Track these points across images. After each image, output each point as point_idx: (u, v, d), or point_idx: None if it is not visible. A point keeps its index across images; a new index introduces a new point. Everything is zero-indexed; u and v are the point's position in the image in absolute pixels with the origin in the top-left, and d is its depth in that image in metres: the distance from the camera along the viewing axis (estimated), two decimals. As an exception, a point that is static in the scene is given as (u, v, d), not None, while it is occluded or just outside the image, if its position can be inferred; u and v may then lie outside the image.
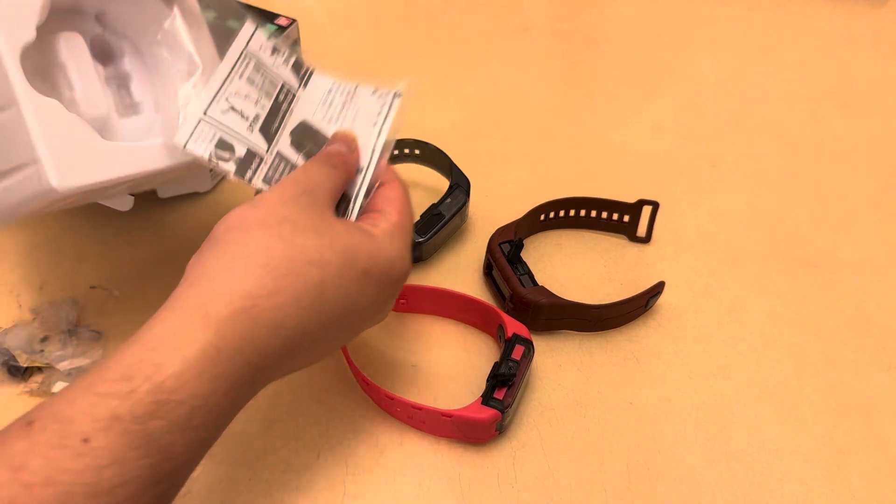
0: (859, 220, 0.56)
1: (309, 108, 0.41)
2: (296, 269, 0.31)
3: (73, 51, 0.38)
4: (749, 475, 0.41)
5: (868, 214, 0.56)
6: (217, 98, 0.37)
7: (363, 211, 0.38)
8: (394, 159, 0.54)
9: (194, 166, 0.38)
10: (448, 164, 0.52)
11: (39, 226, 0.51)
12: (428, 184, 0.56)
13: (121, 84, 0.42)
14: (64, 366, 0.42)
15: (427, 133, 0.53)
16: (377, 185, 0.39)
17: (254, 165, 0.37)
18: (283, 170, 0.38)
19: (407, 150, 0.54)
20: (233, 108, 0.38)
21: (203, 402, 0.27)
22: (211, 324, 0.28)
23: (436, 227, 0.48)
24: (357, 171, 0.39)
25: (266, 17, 0.56)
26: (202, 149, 0.36)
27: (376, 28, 0.73)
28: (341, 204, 0.38)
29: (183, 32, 0.40)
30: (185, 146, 0.36)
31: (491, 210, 0.54)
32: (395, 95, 0.42)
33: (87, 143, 0.35)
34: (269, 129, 0.38)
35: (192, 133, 0.36)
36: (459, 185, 0.50)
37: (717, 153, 0.61)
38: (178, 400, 0.27)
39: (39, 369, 0.43)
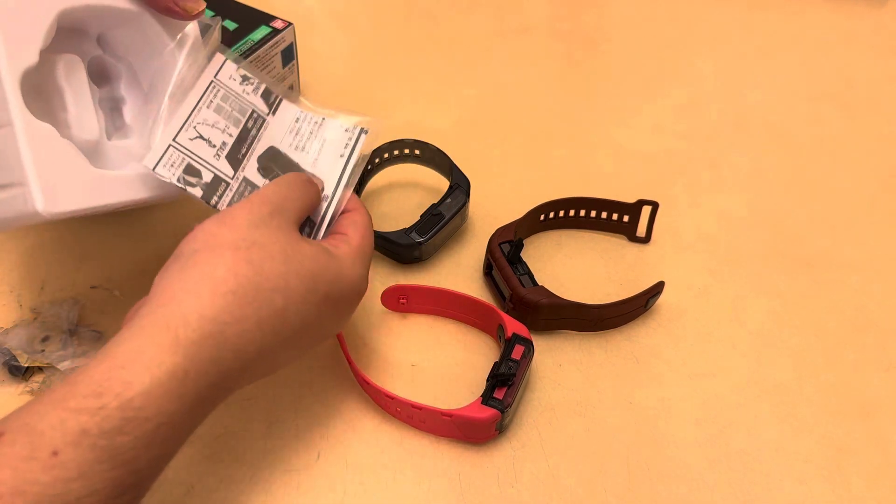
0: (859, 220, 0.56)
1: (277, 134, 0.43)
2: (261, 296, 0.32)
3: (71, 74, 0.39)
4: (749, 475, 0.41)
5: (868, 214, 0.56)
6: (186, 126, 0.39)
7: (327, 234, 0.40)
8: (394, 159, 0.54)
9: (179, 195, 0.39)
10: (448, 164, 0.52)
11: (40, 226, 0.51)
12: (428, 184, 0.56)
13: (114, 106, 0.43)
14: (65, 366, 0.42)
15: (427, 133, 0.54)
16: (341, 212, 0.41)
17: (220, 191, 0.39)
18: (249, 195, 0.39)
19: (407, 151, 0.54)
20: (200, 136, 0.39)
21: (168, 419, 0.28)
22: (180, 347, 0.29)
23: (436, 227, 0.48)
24: (322, 199, 0.41)
25: (262, 19, 0.56)
26: (170, 173, 0.37)
27: (376, 28, 0.73)
28: (305, 227, 0.39)
29: (179, 62, 0.41)
30: (153, 169, 0.37)
31: (491, 210, 0.54)
32: (361, 131, 0.44)
33: (77, 169, 0.36)
34: (235, 156, 0.40)
35: (161, 158, 0.37)
36: (459, 185, 0.50)
37: (717, 153, 0.61)
38: (144, 417, 0.28)
39: (40, 369, 0.43)
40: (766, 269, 0.52)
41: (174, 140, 0.38)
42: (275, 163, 0.41)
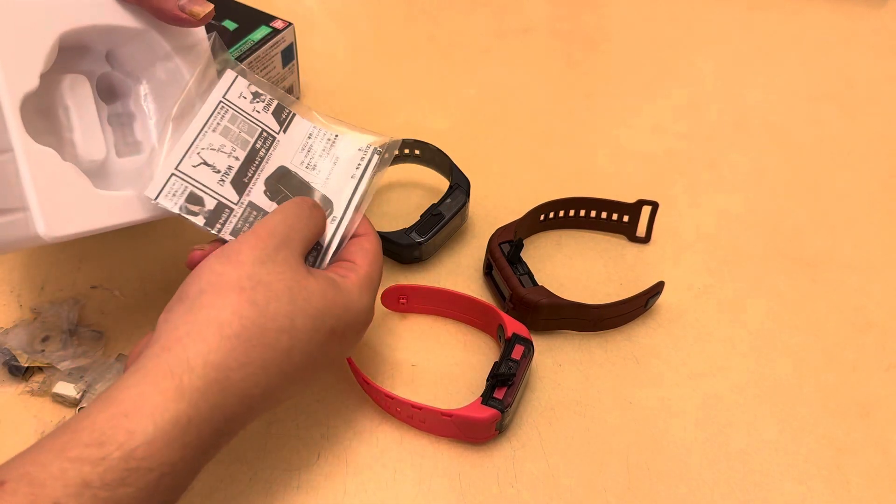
0: (859, 220, 0.56)
1: (288, 152, 0.41)
2: (266, 338, 0.31)
3: (77, 94, 0.39)
4: (749, 475, 0.41)
5: (868, 214, 0.56)
6: (189, 153, 0.38)
7: (334, 259, 0.39)
8: (394, 159, 0.54)
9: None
10: (448, 164, 0.52)
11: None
12: (428, 184, 0.56)
13: (125, 122, 0.42)
14: (65, 366, 0.42)
15: (427, 133, 0.54)
16: (350, 236, 0.40)
17: (223, 218, 0.37)
18: (254, 220, 0.38)
19: (407, 151, 0.54)
20: (204, 163, 0.38)
21: (171, 469, 0.28)
22: (184, 394, 0.29)
23: (436, 227, 0.48)
24: (331, 220, 0.40)
25: (262, 19, 0.56)
26: (172, 203, 0.36)
27: (376, 28, 0.73)
28: (312, 251, 0.38)
29: (187, 80, 0.40)
30: (155, 199, 0.36)
31: (491, 210, 0.54)
32: (374, 151, 0.43)
33: (79, 192, 0.35)
34: (241, 179, 0.39)
35: (164, 187, 0.36)
36: (459, 185, 0.50)
37: (716, 153, 0.61)
38: (147, 467, 0.27)
39: (40, 369, 0.43)
40: (766, 269, 0.52)
41: (176, 168, 0.37)
42: (284, 184, 0.40)
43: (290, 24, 0.57)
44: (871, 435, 0.43)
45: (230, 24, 0.55)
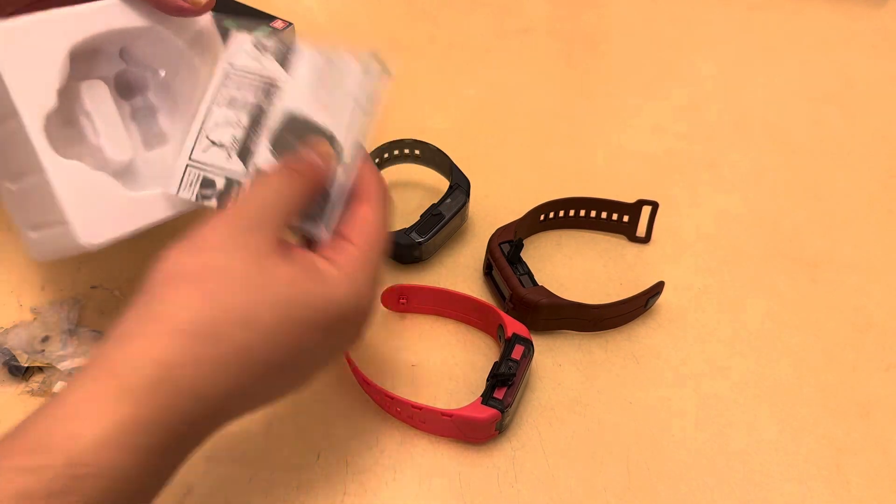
0: (859, 220, 0.56)
1: (294, 94, 0.38)
2: (219, 332, 0.29)
3: (96, 99, 0.39)
4: (749, 475, 0.41)
5: (867, 214, 0.56)
6: (199, 139, 0.38)
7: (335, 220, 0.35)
8: (394, 159, 0.54)
9: None
10: (448, 165, 0.52)
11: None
12: (428, 184, 0.56)
13: (147, 115, 0.43)
14: (65, 366, 0.42)
15: (427, 133, 0.54)
16: (348, 196, 0.35)
17: (233, 193, 0.37)
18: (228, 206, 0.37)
19: (407, 151, 0.54)
20: (213, 143, 0.38)
21: (123, 474, 0.26)
22: (126, 394, 0.26)
23: (436, 227, 0.48)
24: (338, 166, 0.36)
25: (263, 18, 0.57)
26: (189, 192, 0.37)
27: (376, 28, 0.73)
28: (318, 204, 0.35)
29: (206, 73, 0.40)
30: (178, 193, 0.37)
31: (491, 210, 0.54)
32: (381, 71, 0.38)
33: (111, 199, 0.37)
34: (247, 147, 0.37)
35: (182, 180, 0.37)
36: (459, 185, 0.50)
37: (716, 153, 0.61)
38: (95, 473, 0.25)
39: (40, 369, 0.43)
40: (766, 269, 0.52)
41: (190, 158, 0.37)
42: (290, 131, 0.37)
43: (290, 24, 0.57)
44: (871, 435, 0.43)
45: (230, 24, 0.55)
